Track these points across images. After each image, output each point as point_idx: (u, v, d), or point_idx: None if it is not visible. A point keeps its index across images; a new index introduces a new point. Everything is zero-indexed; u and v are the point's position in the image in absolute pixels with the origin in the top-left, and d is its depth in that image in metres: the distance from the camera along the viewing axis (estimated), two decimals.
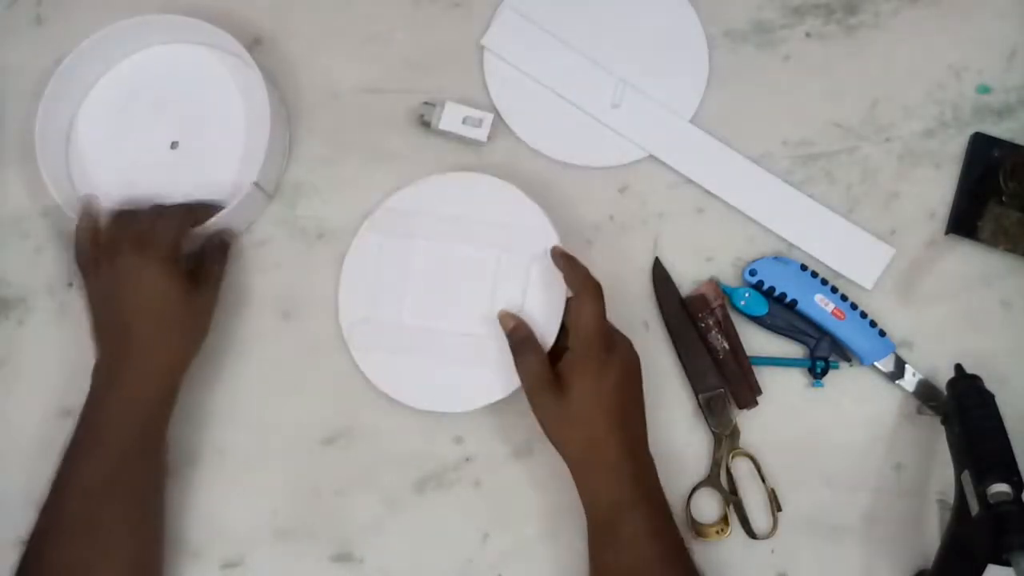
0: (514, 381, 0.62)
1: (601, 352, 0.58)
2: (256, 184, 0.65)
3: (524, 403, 0.61)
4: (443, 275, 0.65)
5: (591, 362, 0.58)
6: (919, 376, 0.65)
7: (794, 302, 0.65)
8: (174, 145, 0.69)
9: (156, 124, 0.69)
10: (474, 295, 0.64)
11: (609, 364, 0.58)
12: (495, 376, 0.63)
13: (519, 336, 0.61)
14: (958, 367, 0.64)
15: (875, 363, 0.65)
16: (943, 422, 0.63)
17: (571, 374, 0.58)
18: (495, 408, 0.64)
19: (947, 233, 0.67)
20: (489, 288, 0.64)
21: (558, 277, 0.62)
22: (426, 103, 0.68)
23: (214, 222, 0.64)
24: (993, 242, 0.67)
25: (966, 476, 0.58)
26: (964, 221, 0.67)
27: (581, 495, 0.58)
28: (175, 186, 0.68)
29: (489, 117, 0.68)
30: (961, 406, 0.61)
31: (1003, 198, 0.67)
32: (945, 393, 0.64)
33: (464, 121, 0.68)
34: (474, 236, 0.65)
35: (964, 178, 0.68)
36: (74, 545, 0.56)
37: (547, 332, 0.62)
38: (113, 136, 0.69)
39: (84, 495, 0.57)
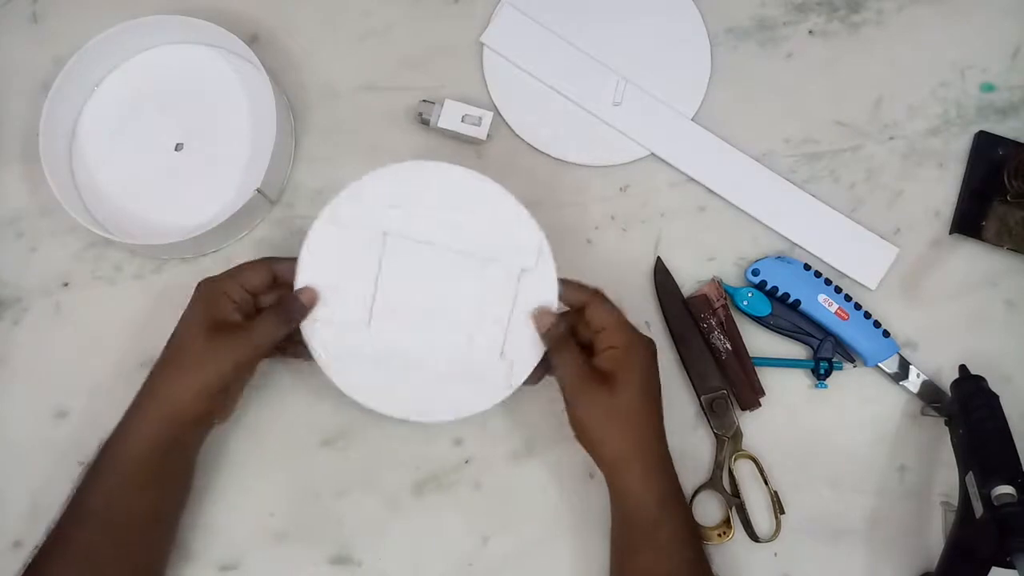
0: (496, 395, 0.58)
1: (642, 345, 0.57)
2: (259, 191, 0.64)
3: (524, 405, 0.61)
4: (419, 278, 0.58)
5: (637, 356, 0.57)
6: (923, 377, 0.65)
7: (797, 302, 0.64)
8: (178, 147, 0.68)
9: (161, 125, 0.69)
10: (454, 303, 0.59)
11: (648, 357, 0.57)
12: (476, 388, 0.58)
13: (557, 334, 0.57)
14: (962, 368, 0.64)
15: (879, 364, 0.64)
16: (947, 423, 0.62)
17: (620, 369, 0.56)
18: (496, 409, 0.64)
19: (951, 233, 0.67)
20: (471, 297, 0.58)
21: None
22: (424, 101, 0.68)
23: (212, 226, 0.63)
24: (997, 241, 0.66)
25: (970, 478, 0.57)
26: (968, 220, 0.67)
27: (620, 493, 0.57)
28: (178, 188, 0.68)
29: (488, 115, 0.67)
30: (965, 407, 0.61)
31: (1007, 197, 0.67)
32: (949, 394, 0.64)
33: (463, 119, 0.67)
34: (454, 239, 0.58)
35: (968, 177, 0.68)
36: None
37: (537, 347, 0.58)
38: (117, 136, 0.69)
39: (85, 520, 0.56)
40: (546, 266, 0.59)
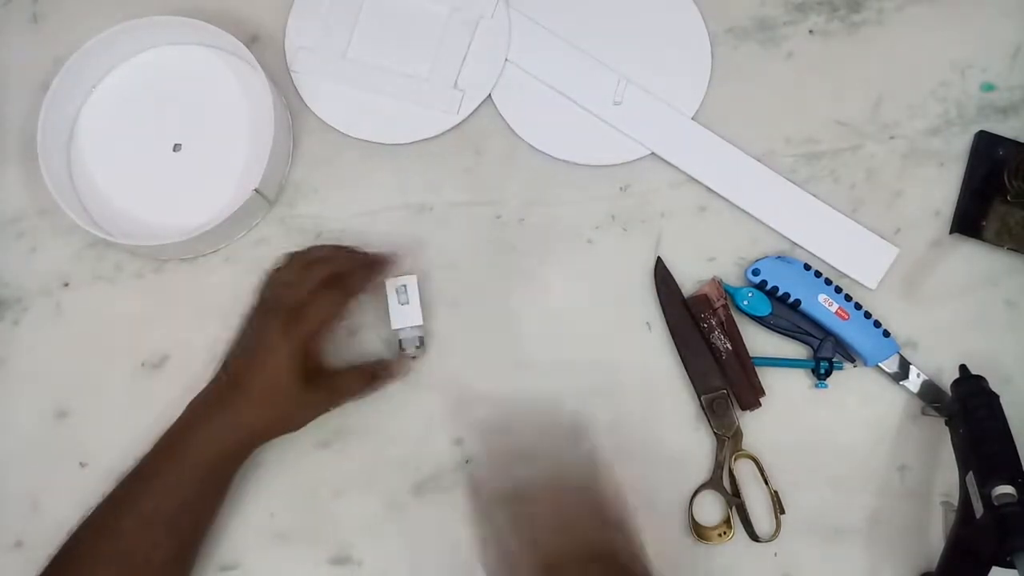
0: (445, 123, 0.68)
1: None
2: (257, 191, 0.64)
3: (525, 404, 0.61)
4: (394, 16, 0.69)
5: None
6: (924, 377, 0.64)
7: (797, 302, 0.64)
8: (176, 147, 0.69)
9: (159, 126, 0.69)
10: (419, 44, 0.69)
11: None
12: (429, 114, 0.68)
13: None
14: (962, 368, 0.64)
15: (879, 364, 0.64)
16: (947, 423, 0.62)
17: None
18: (495, 409, 0.64)
19: (951, 232, 0.67)
20: (436, 38, 0.69)
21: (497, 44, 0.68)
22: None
23: (210, 226, 0.63)
24: (998, 241, 0.66)
25: (971, 478, 0.57)
26: (968, 220, 0.67)
27: None
28: (177, 189, 0.68)
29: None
30: (966, 408, 0.61)
31: (1008, 197, 0.67)
32: (950, 394, 0.63)
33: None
34: None
35: (968, 177, 0.68)
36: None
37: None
38: (115, 137, 0.69)
39: (152, 525, 0.56)
40: (502, 15, 0.68)
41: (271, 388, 0.58)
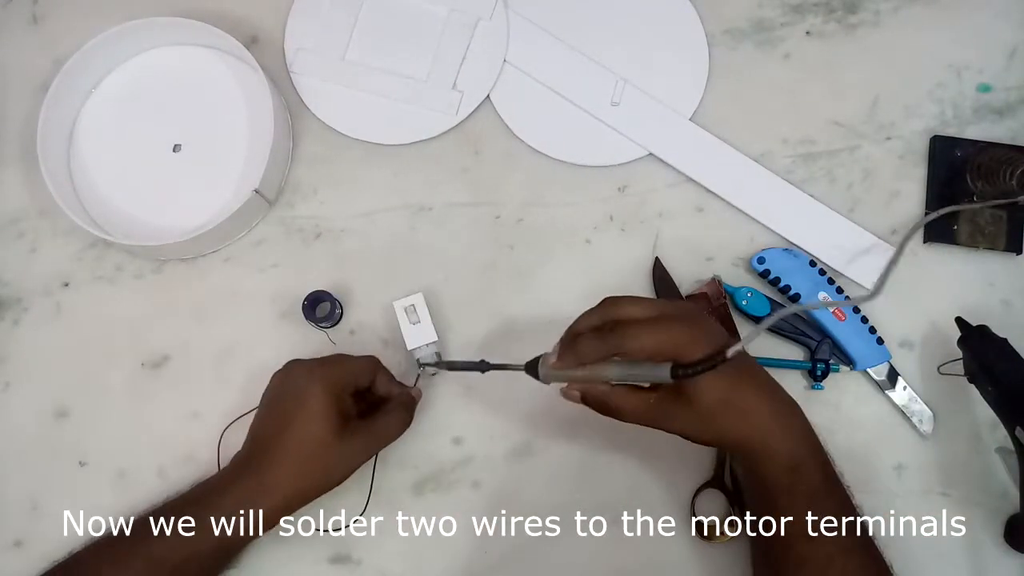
0: (444, 124, 0.68)
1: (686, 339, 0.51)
2: (257, 191, 0.65)
3: (524, 404, 0.61)
4: (393, 18, 0.69)
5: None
6: (910, 391, 0.65)
7: (797, 296, 0.65)
8: (176, 148, 0.69)
9: (159, 127, 0.69)
10: (418, 45, 0.69)
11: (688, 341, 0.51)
12: (428, 115, 0.68)
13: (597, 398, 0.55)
14: (962, 322, 0.63)
15: (868, 370, 0.65)
16: (971, 381, 0.62)
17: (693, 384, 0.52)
18: (495, 408, 0.64)
19: (925, 242, 0.67)
20: (434, 41, 0.69)
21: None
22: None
23: (210, 227, 0.64)
24: (972, 243, 0.66)
25: (1020, 432, 0.57)
26: (940, 228, 0.67)
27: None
28: (176, 189, 0.68)
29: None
30: (983, 364, 0.60)
31: (974, 198, 0.66)
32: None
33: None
34: None
35: (931, 184, 0.68)
36: None
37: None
38: (115, 138, 0.69)
39: (146, 566, 0.55)
40: (500, 16, 0.68)
41: (303, 444, 0.55)
